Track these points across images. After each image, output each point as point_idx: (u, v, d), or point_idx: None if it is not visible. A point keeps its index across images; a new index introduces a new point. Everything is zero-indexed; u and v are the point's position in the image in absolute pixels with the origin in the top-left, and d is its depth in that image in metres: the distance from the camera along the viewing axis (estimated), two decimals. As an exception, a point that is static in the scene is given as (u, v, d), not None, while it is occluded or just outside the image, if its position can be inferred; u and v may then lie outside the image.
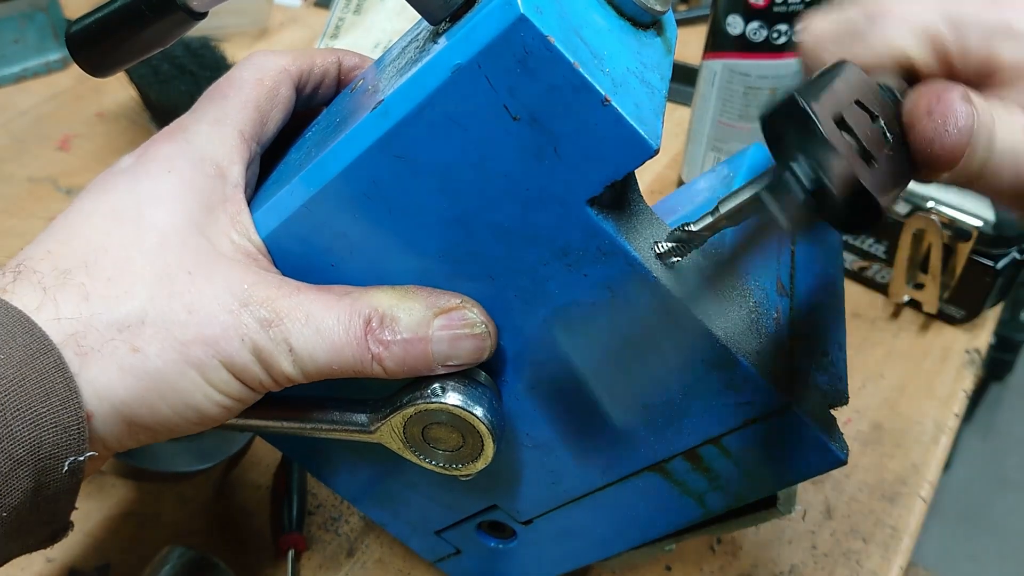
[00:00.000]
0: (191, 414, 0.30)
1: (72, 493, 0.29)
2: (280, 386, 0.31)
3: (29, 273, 0.29)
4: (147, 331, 0.29)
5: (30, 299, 0.28)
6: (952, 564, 1.47)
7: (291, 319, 0.30)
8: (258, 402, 0.34)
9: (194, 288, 0.30)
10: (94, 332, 0.28)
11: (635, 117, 0.26)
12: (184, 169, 0.31)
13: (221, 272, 0.30)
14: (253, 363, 0.30)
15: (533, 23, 0.25)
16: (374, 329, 0.30)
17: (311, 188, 0.30)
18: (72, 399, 0.27)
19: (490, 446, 0.33)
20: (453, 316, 0.31)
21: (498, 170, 0.28)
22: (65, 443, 0.27)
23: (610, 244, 0.29)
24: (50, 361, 0.27)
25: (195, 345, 0.29)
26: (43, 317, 0.28)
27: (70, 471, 0.28)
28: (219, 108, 0.33)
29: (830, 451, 0.33)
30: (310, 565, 0.51)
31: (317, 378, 0.31)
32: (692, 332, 0.30)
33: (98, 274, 0.29)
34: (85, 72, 0.36)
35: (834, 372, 0.36)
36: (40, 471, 0.27)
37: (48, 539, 0.31)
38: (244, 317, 0.30)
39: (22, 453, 0.26)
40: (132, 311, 0.29)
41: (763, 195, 0.27)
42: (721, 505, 0.37)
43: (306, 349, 0.30)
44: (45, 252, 0.30)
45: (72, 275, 0.29)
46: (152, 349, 0.29)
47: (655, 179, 0.80)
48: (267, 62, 0.35)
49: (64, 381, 0.27)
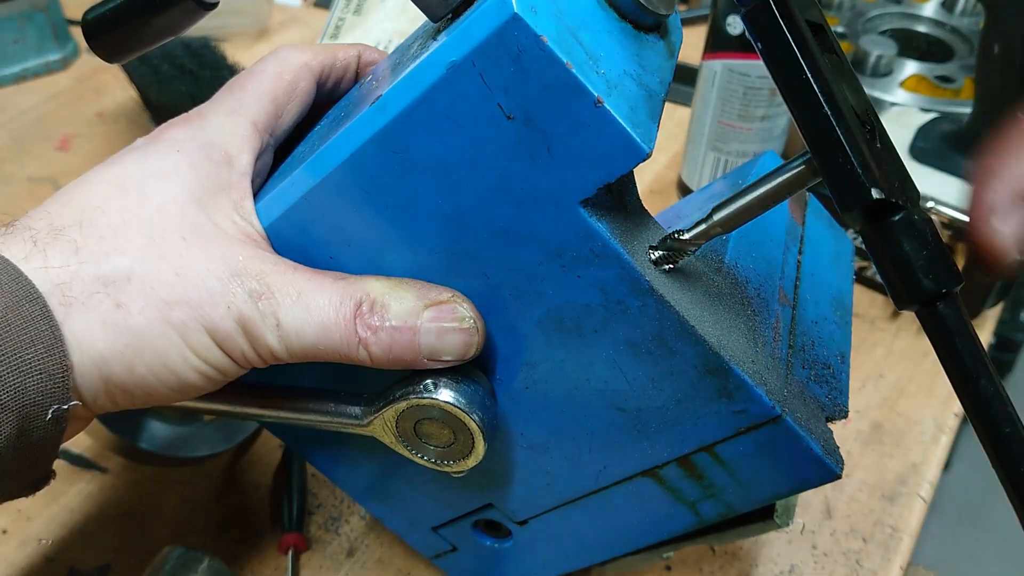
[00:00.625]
0: (170, 378, 0.30)
1: (55, 442, 0.29)
2: (264, 362, 0.31)
3: (24, 229, 0.29)
4: (132, 287, 0.29)
5: (18, 250, 0.28)
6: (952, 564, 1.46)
7: (282, 294, 0.30)
8: (257, 390, 0.34)
9: (186, 253, 0.30)
10: (79, 283, 0.28)
11: (628, 120, 0.26)
12: (193, 151, 0.32)
13: (217, 244, 0.30)
14: (237, 332, 0.30)
15: (526, 22, 0.25)
16: (364, 313, 0.30)
17: (311, 180, 0.30)
18: (57, 346, 0.27)
19: (480, 444, 0.33)
20: (443, 309, 0.31)
21: (492, 168, 0.28)
22: (49, 390, 0.27)
23: (603, 246, 0.29)
24: (36, 309, 0.27)
25: (178, 306, 0.29)
26: (30, 266, 0.28)
27: (54, 419, 0.28)
28: (236, 98, 0.34)
29: (823, 464, 0.32)
30: (310, 565, 0.51)
31: (302, 358, 0.31)
32: (684, 337, 0.30)
33: (91, 232, 0.29)
34: (100, 58, 0.36)
35: (834, 385, 0.36)
36: (24, 417, 0.27)
37: (30, 486, 0.31)
38: (233, 286, 0.30)
39: (6, 398, 0.26)
40: (119, 267, 0.29)
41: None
42: (715, 514, 0.36)
43: (294, 325, 0.30)
44: (44, 212, 0.30)
45: (65, 232, 0.29)
46: (135, 306, 0.29)
47: (655, 179, 0.80)
48: (290, 56, 0.35)
49: (49, 329, 0.27)
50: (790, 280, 0.38)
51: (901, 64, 0.80)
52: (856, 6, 0.87)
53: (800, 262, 0.39)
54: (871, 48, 0.78)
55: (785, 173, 0.28)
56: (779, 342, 0.34)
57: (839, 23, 0.85)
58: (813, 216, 0.43)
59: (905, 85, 0.78)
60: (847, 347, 0.38)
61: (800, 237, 0.41)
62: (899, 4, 0.88)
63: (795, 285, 0.38)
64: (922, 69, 0.79)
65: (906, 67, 0.79)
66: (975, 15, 0.86)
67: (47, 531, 0.51)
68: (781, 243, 0.39)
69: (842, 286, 0.41)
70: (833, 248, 0.43)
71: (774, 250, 0.38)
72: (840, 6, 0.87)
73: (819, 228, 0.43)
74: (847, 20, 0.85)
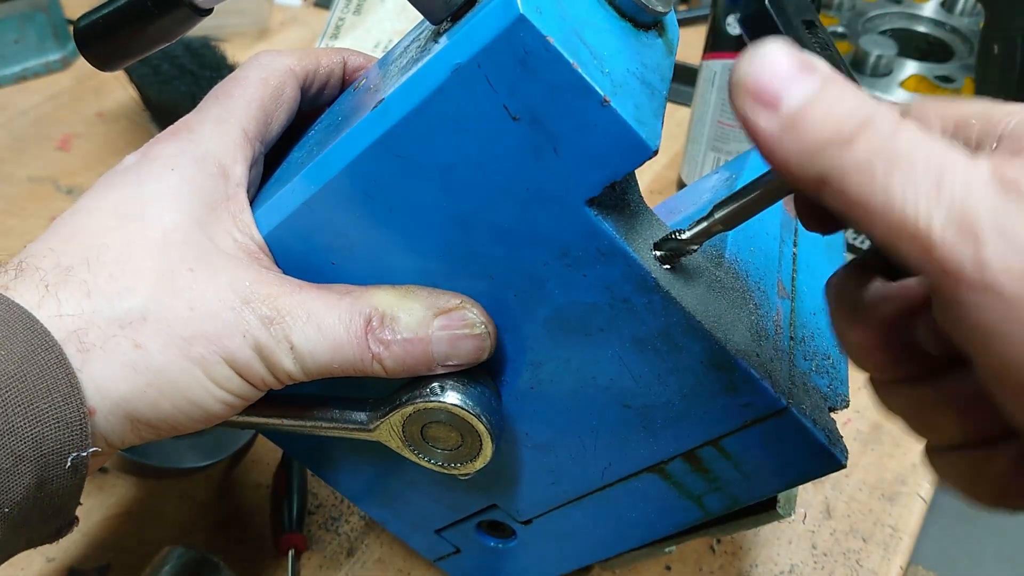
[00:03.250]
0: (194, 411, 0.30)
1: (76, 489, 0.29)
2: (282, 383, 0.31)
3: (31, 270, 0.29)
4: (149, 327, 0.29)
5: (31, 295, 0.28)
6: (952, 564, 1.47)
7: (292, 317, 0.30)
8: (259, 400, 0.34)
9: (196, 285, 0.30)
10: (96, 328, 0.28)
11: (634, 118, 0.26)
12: (187, 167, 0.31)
13: (223, 270, 0.30)
14: (255, 360, 0.30)
15: (532, 23, 0.25)
16: (375, 328, 0.30)
17: (312, 186, 0.30)
18: (74, 395, 0.27)
19: (488, 446, 0.33)
20: (453, 316, 0.31)
21: (498, 170, 0.28)
22: (67, 439, 0.27)
23: (609, 245, 0.29)
24: (51, 357, 0.27)
25: (197, 341, 0.29)
26: (44, 313, 0.28)
27: (73, 467, 0.28)
28: (223, 107, 0.33)
29: (829, 454, 0.32)
30: (310, 565, 0.51)
31: (318, 376, 0.31)
32: (690, 333, 0.30)
33: (100, 271, 0.29)
34: (93, 66, 0.36)
35: (835, 375, 0.36)
36: (42, 467, 0.27)
37: (52, 535, 0.31)
38: (246, 314, 0.30)
39: (24, 448, 0.26)
40: (134, 307, 0.29)
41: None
42: (720, 507, 0.37)
43: (307, 347, 0.30)
44: (47, 250, 0.30)
45: (74, 272, 0.29)
46: (154, 345, 0.29)
47: (655, 179, 0.80)
48: (273, 62, 0.35)
49: (66, 377, 0.27)
50: (788, 272, 0.38)
51: (901, 64, 0.80)
52: (856, 6, 0.87)
53: (796, 254, 0.40)
54: (871, 48, 0.78)
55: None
56: (780, 334, 0.34)
57: (839, 23, 0.85)
58: None
59: (905, 85, 0.78)
60: None
61: (795, 229, 0.41)
62: (899, 4, 0.88)
63: (792, 277, 0.38)
64: (922, 69, 0.80)
65: (906, 67, 0.80)
66: (975, 15, 0.86)
67: (48, 531, 0.51)
68: (777, 236, 0.39)
69: None
70: (827, 240, 0.43)
71: (770, 243, 0.38)
72: (840, 6, 0.87)
73: None
74: (847, 20, 0.85)
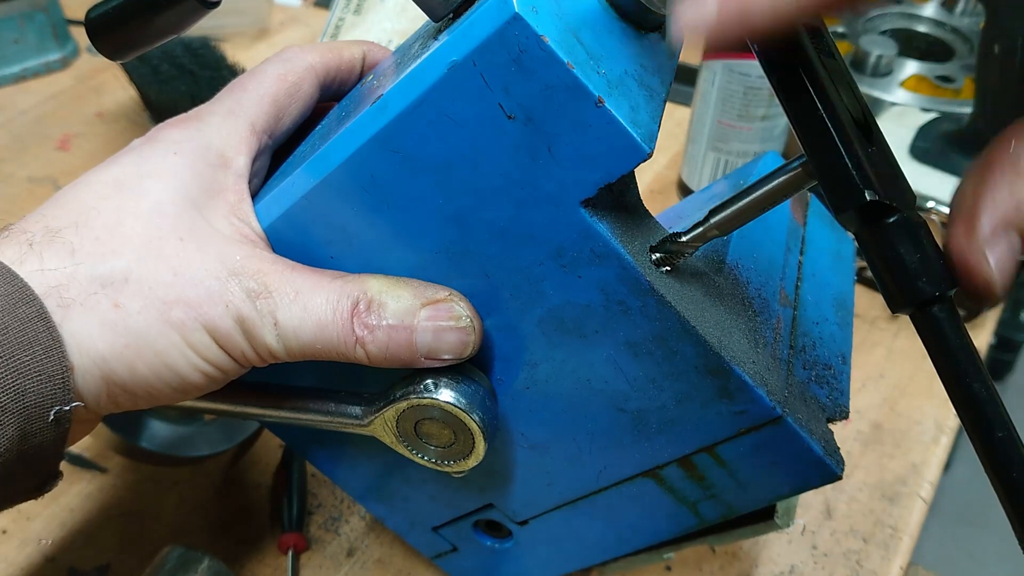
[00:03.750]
0: (170, 376, 0.30)
1: (59, 444, 0.29)
2: (264, 361, 0.31)
3: (19, 232, 0.29)
4: (130, 288, 0.29)
5: (14, 252, 0.28)
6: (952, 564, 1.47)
7: (280, 293, 0.30)
8: (257, 390, 0.34)
9: (183, 253, 0.30)
10: (77, 284, 0.28)
11: (629, 120, 0.26)
12: (188, 153, 0.32)
13: (214, 243, 0.30)
14: (236, 331, 0.30)
15: (527, 22, 0.25)
16: (361, 312, 0.30)
17: (311, 180, 0.30)
18: (55, 347, 0.27)
19: (481, 444, 0.33)
20: (440, 308, 0.31)
21: (493, 168, 0.28)
22: (50, 392, 0.27)
23: (604, 246, 0.29)
24: (32, 310, 0.27)
25: (177, 306, 0.29)
26: (26, 269, 0.28)
27: (56, 420, 0.28)
28: (235, 100, 0.34)
29: (824, 465, 0.32)
30: (310, 565, 0.51)
31: (300, 357, 0.31)
32: (685, 338, 0.30)
33: (87, 233, 0.29)
34: (104, 56, 0.37)
35: (835, 385, 0.36)
36: (25, 419, 0.27)
37: (35, 489, 0.30)
38: (231, 285, 0.30)
39: (5, 400, 0.26)
40: (117, 268, 0.29)
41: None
42: (715, 514, 0.36)
43: (291, 324, 0.30)
44: (39, 215, 0.30)
45: (61, 234, 0.29)
46: (133, 306, 0.29)
47: (655, 179, 0.80)
48: (294, 57, 0.35)
49: (46, 330, 0.27)
50: (791, 281, 0.38)
51: (901, 64, 0.80)
52: (856, 6, 0.87)
53: (801, 263, 0.39)
54: (871, 48, 0.78)
55: (781, 176, 0.28)
56: (780, 343, 0.34)
57: (839, 23, 0.85)
58: (814, 216, 0.43)
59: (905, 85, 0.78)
60: (848, 348, 0.38)
61: (801, 238, 0.41)
62: (899, 4, 0.88)
63: (796, 286, 0.38)
64: (922, 69, 0.79)
65: (906, 67, 0.80)
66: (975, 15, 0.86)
67: (47, 531, 0.51)
68: (782, 244, 0.39)
69: (843, 287, 0.41)
70: (834, 249, 0.43)
71: (775, 250, 0.38)
72: (840, 6, 0.87)
73: (820, 228, 0.43)
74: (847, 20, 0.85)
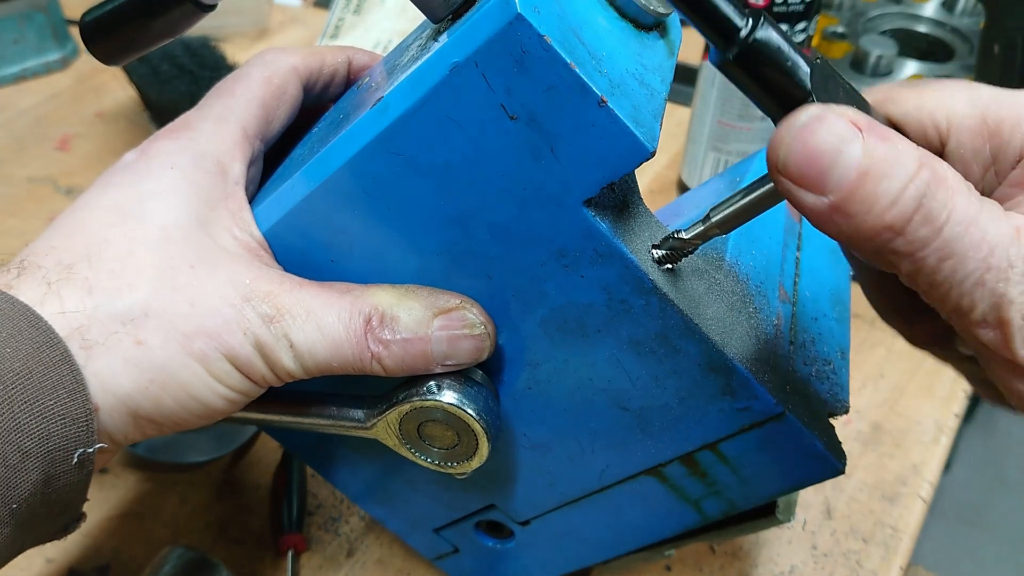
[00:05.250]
0: (195, 406, 0.30)
1: (83, 485, 0.29)
2: (281, 381, 0.32)
3: (33, 268, 0.29)
4: (150, 323, 0.29)
5: (34, 293, 0.28)
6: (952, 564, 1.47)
7: (292, 315, 0.30)
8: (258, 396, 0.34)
9: (196, 282, 0.30)
10: (98, 325, 0.28)
11: (632, 119, 0.26)
12: (185, 166, 0.32)
13: (223, 266, 0.30)
14: (255, 356, 0.30)
15: (530, 22, 0.25)
16: (374, 328, 0.30)
17: (312, 183, 0.30)
18: (79, 391, 0.27)
19: (484, 445, 0.33)
20: (452, 316, 0.31)
21: (495, 169, 0.28)
22: (74, 435, 0.27)
23: (606, 246, 0.29)
24: (56, 354, 0.27)
25: (198, 337, 0.29)
26: (48, 311, 0.28)
27: (79, 463, 0.28)
28: (224, 105, 0.34)
29: (827, 459, 0.32)
30: (310, 565, 0.51)
31: (317, 374, 0.31)
32: (688, 336, 0.30)
33: (101, 267, 0.29)
34: (99, 61, 0.36)
35: (835, 380, 0.36)
36: (49, 463, 0.27)
37: (59, 531, 0.31)
38: (246, 311, 0.30)
39: (31, 445, 0.26)
40: (135, 303, 0.29)
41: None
42: (718, 511, 0.37)
43: (306, 345, 0.30)
44: (49, 247, 0.30)
45: (75, 269, 0.29)
46: (155, 341, 0.29)
47: (655, 179, 0.80)
48: (277, 60, 0.35)
49: (71, 373, 0.27)
50: (789, 277, 0.38)
51: (901, 64, 0.80)
52: (856, 6, 0.87)
53: (799, 259, 0.40)
54: (871, 48, 0.78)
55: None
56: (780, 339, 0.34)
57: (839, 23, 0.85)
58: None
59: (905, 85, 0.78)
60: (847, 343, 0.38)
61: (798, 234, 0.41)
62: (899, 4, 0.88)
63: (794, 282, 0.38)
64: (922, 69, 0.79)
65: (906, 67, 0.79)
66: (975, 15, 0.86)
67: (47, 531, 0.51)
68: (780, 240, 0.39)
69: (840, 283, 0.42)
70: (830, 245, 0.43)
71: (773, 247, 0.38)
72: (840, 6, 0.87)
73: None
74: (847, 20, 0.85)
